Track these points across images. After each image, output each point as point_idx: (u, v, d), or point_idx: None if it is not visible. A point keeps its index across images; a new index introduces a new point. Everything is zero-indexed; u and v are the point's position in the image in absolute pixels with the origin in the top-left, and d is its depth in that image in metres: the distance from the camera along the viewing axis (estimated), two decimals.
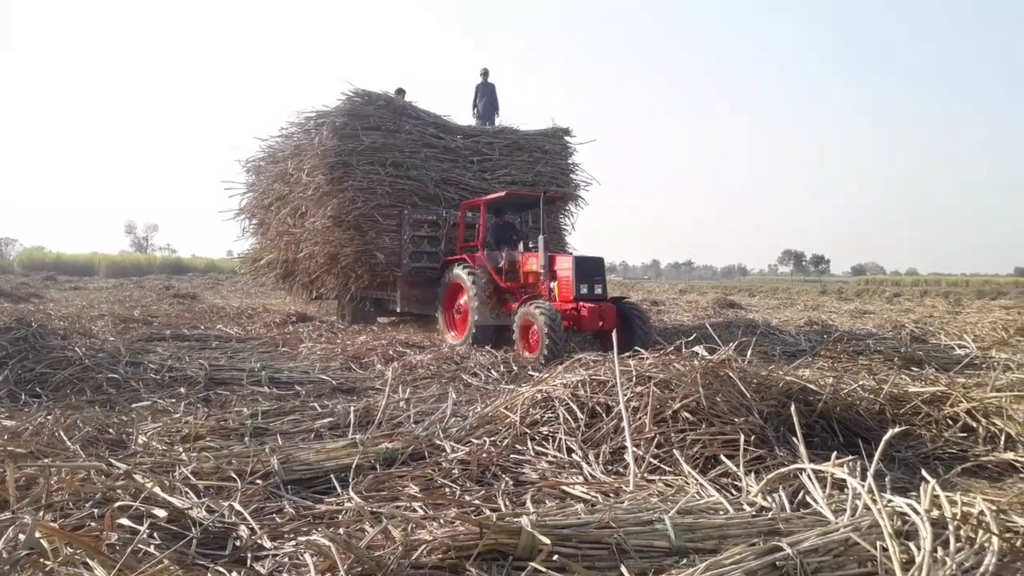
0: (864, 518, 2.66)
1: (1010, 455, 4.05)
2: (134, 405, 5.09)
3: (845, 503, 2.87)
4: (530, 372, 6.49)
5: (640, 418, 3.97)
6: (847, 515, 2.72)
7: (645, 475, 3.52)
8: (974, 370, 6.86)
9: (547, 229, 11.58)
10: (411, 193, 11.33)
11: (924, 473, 3.07)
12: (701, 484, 3.25)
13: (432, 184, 11.51)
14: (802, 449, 3.46)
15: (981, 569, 2.33)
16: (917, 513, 2.58)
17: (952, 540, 2.50)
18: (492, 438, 4.08)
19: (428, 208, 11.41)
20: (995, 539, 2.49)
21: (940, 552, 2.43)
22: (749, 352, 4.74)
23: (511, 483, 3.45)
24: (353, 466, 3.49)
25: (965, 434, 4.42)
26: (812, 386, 4.45)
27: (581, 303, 8.41)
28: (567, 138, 13.27)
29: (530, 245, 9.92)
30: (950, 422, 4.54)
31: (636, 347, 6.12)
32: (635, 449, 3.67)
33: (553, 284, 8.88)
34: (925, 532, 2.45)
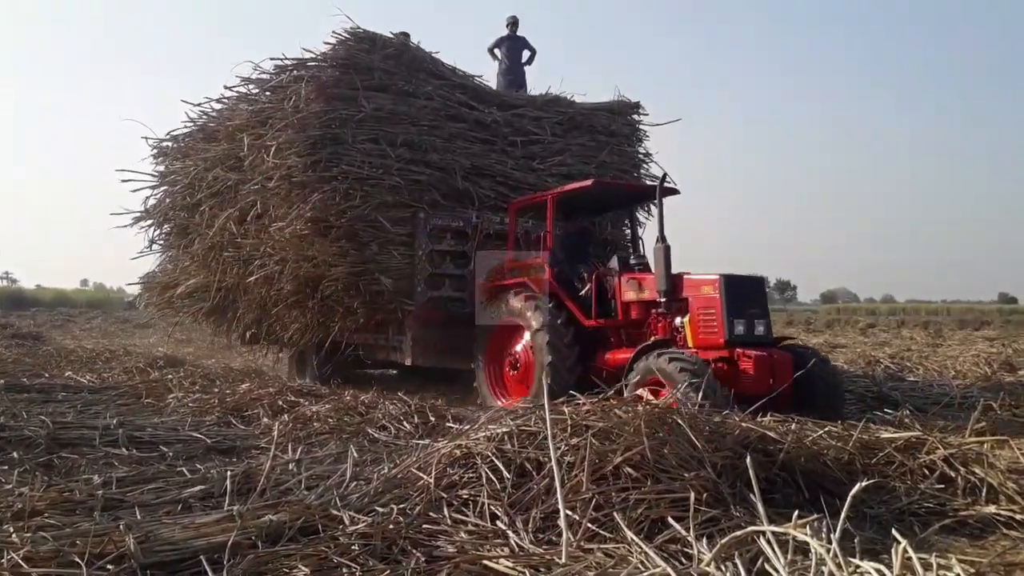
0: None
1: (991, 508, 4.22)
2: None
3: (809, 570, 2.94)
4: (448, 423, 6.43)
5: (576, 475, 3.99)
6: None
7: (582, 543, 3.52)
8: (955, 411, 7.16)
9: (613, 245, 10.04)
10: (430, 187, 9.11)
11: (895, 533, 3.17)
12: (646, 553, 3.27)
13: (460, 175, 9.32)
14: (761, 508, 3.53)
15: None
16: None
17: None
18: (401, 505, 4.01)
19: (452, 211, 9.22)
20: None
21: None
22: (700, 395, 4.84)
23: (423, 559, 3.40)
24: (229, 544, 3.38)
25: (943, 485, 4.59)
26: (772, 434, 4.57)
27: (739, 350, 6.42)
28: (634, 116, 11.31)
29: (631, 262, 7.99)
30: (926, 472, 4.71)
31: (822, 416, 5.31)
32: (569, 513, 3.68)
33: (682, 320, 6.92)
34: None
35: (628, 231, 10.49)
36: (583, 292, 7.76)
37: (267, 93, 9.79)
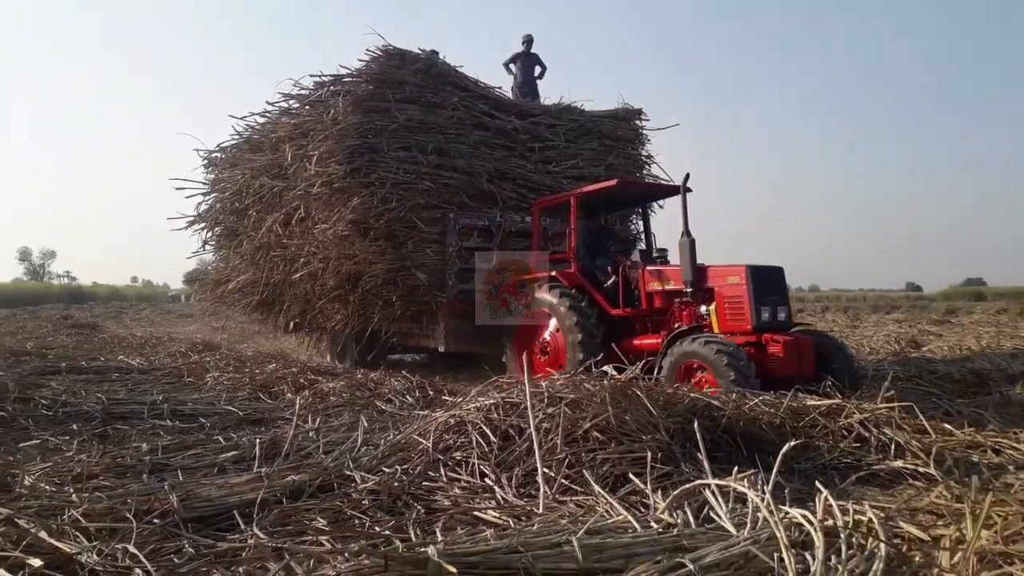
0: (763, 531, 2.75)
1: (899, 463, 4.26)
2: (21, 444, 4.79)
3: (747, 516, 2.96)
4: (444, 396, 6.42)
5: (552, 439, 3.99)
6: (747, 528, 2.81)
7: (556, 496, 3.54)
8: (869, 382, 7.20)
9: (633, 239, 9.68)
10: (458, 190, 8.72)
11: (819, 484, 3.20)
12: (610, 503, 3.29)
13: (485, 178, 8.90)
14: (706, 464, 3.56)
15: (869, 575, 2.45)
16: (811, 523, 2.69)
17: (844, 548, 2.61)
18: (404, 466, 4.02)
19: (479, 211, 8.86)
20: (883, 545, 2.62)
21: (833, 560, 2.54)
22: (656, 370, 4.84)
23: (423, 511, 3.41)
24: (258, 501, 3.37)
25: (859, 444, 4.62)
26: (716, 402, 4.59)
27: (766, 335, 6.04)
28: (637, 122, 10.82)
29: (653, 255, 7.54)
30: (845, 433, 4.74)
31: (840, 385, 5.35)
32: (546, 471, 3.69)
33: (707, 308, 6.48)
34: (818, 542, 2.56)
35: (633, 226, 10.25)
36: (608, 284, 7.30)
37: (307, 107, 9.35)
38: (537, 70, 11.16)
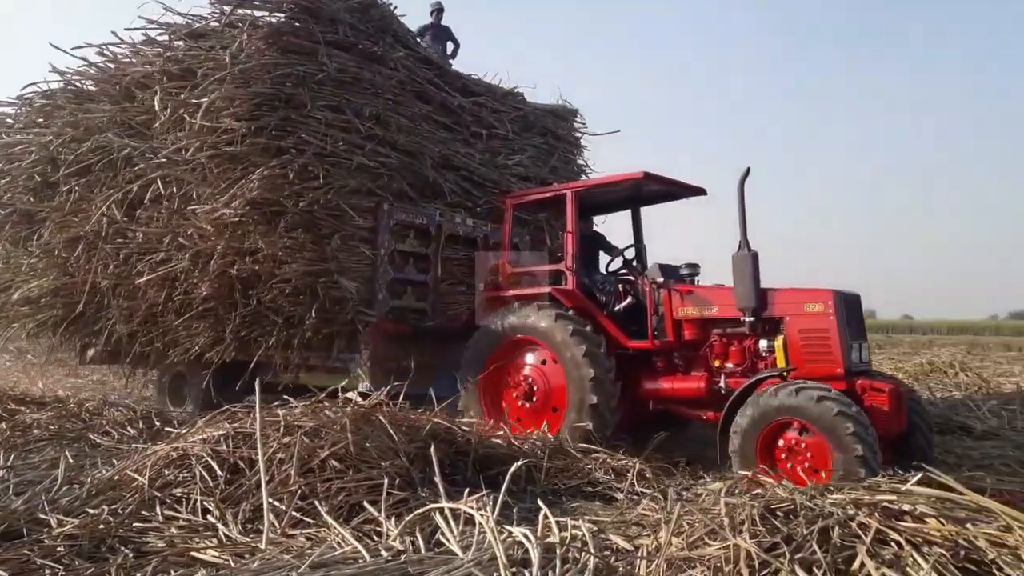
0: (488, 551, 2.89)
1: (624, 483, 4.63)
2: None
3: (474, 537, 3.09)
4: (170, 428, 5.80)
5: (286, 470, 3.87)
6: (472, 550, 2.93)
7: (286, 530, 3.44)
8: None
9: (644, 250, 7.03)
10: (399, 174, 6.72)
11: (540, 502, 3.42)
12: (342, 534, 3.26)
13: (430, 163, 7.02)
14: (442, 488, 3.66)
15: None
16: (530, 541, 2.87)
17: (559, 563, 2.82)
18: (113, 506, 3.67)
19: (416, 205, 6.90)
20: (592, 558, 2.86)
21: (549, 575, 2.74)
22: (401, 395, 4.86)
23: (131, 555, 3.14)
24: None
25: (590, 466, 4.96)
26: (455, 428, 4.73)
27: (862, 382, 4.77)
28: (575, 123, 9.36)
29: (682, 271, 5.82)
30: (578, 455, 5.08)
31: (919, 461, 3.98)
32: (276, 503, 3.58)
33: (769, 343, 5.11)
34: (535, 558, 2.74)
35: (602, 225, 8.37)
36: (620, 307, 5.87)
37: (180, 41, 6.85)
38: (450, 47, 9.35)
